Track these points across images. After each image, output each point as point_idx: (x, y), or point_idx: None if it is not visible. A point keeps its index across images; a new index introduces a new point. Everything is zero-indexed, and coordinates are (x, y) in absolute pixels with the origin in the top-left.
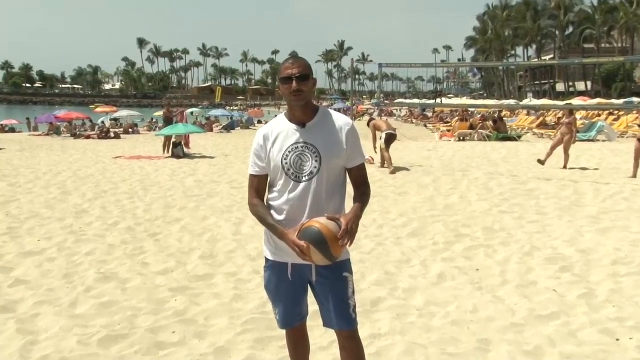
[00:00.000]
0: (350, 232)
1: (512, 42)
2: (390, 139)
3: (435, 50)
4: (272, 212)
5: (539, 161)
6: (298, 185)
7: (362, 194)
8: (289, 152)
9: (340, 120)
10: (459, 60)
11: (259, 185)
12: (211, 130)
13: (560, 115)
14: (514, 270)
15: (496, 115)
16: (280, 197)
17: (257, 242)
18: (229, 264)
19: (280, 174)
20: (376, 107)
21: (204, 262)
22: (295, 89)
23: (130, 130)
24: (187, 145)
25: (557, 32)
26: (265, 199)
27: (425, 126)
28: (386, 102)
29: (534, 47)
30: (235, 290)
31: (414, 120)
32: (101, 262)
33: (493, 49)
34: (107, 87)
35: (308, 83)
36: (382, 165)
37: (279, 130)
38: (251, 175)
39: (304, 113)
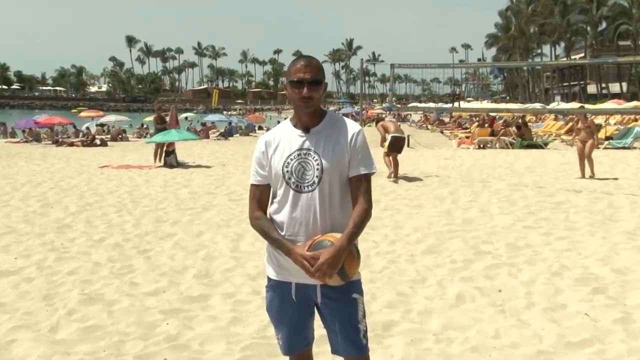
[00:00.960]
0: (321, 271)
1: (538, 40)
2: (397, 142)
3: (453, 49)
4: None
5: (586, 176)
6: (299, 196)
7: (357, 215)
8: (291, 159)
9: (347, 125)
10: (479, 60)
11: (261, 197)
12: (207, 137)
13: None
14: (540, 292)
15: (520, 121)
16: (280, 208)
17: (258, 259)
18: (226, 283)
19: (280, 182)
20: (388, 112)
21: (199, 282)
22: (306, 95)
23: (118, 136)
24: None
25: (589, 28)
26: (268, 212)
27: (442, 132)
28: (398, 106)
29: (563, 44)
30: (233, 313)
31: (429, 126)
32: (85, 282)
33: (517, 48)
34: (93, 89)
35: (320, 89)
36: (390, 176)
37: (281, 136)
38: (252, 185)
39: (311, 118)
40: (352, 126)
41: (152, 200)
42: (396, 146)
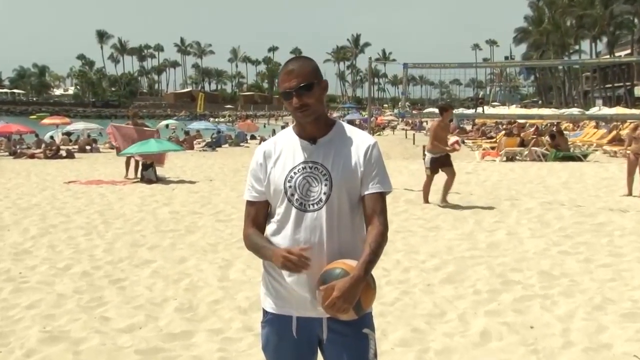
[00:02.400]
0: (335, 306)
1: (576, 34)
2: (443, 160)
3: (476, 46)
4: None
5: (634, 194)
6: (303, 216)
7: (373, 239)
8: (294, 172)
9: (360, 136)
10: (506, 58)
11: (257, 215)
12: (191, 148)
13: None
14: (579, 329)
15: (554, 129)
16: (280, 229)
17: (250, 289)
18: (213, 318)
19: (281, 199)
20: (400, 119)
21: (181, 316)
22: (298, 105)
23: (88, 147)
24: (160, 162)
25: (636, 20)
26: (265, 233)
27: (463, 142)
28: (413, 112)
29: (605, 40)
30: (221, 352)
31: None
32: (47, 317)
33: (550, 44)
34: (58, 92)
35: (313, 93)
36: (426, 200)
37: (283, 146)
38: (247, 202)
39: (316, 127)
40: (366, 138)
41: (127, 221)
42: (440, 161)
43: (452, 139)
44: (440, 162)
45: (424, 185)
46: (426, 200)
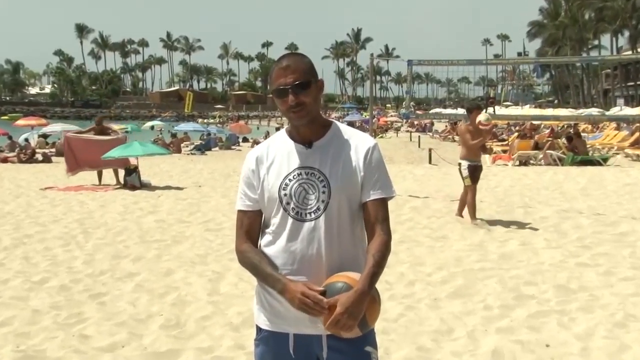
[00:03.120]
0: (339, 323)
1: (595, 28)
2: (476, 170)
3: (486, 41)
4: None
5: None
6: (300, 226)
7: (377, 250)
8: (290, 179)
9: (359, 138)
10: (519, 54)
11: (251, 226)
12: (179, 151)
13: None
14: (600, 348)
15: (571, 130)
16: (274, 241)
17: (242, 304)
18: (202, 335)
19: (276, 208)
20: (404, 120)
21: (167, 334)
22: (293, 103)
23: None
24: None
25: None
26: (259, 245)
27: None
28: (418, 112)
29: (627, 34)
30: None
31: (457, 138)
32: (21, 335)
33: (567, 38)
34: (33, 90)
35: (310, 91)
36: (460, 212)
37: (276, 150)
38: (239, 212)
39: (311, 129)
40: (366, 140)
41: (109, 230)
42: (475, 175)
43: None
44: (476, 173)
45: (467, 200)
46: (473, 217)
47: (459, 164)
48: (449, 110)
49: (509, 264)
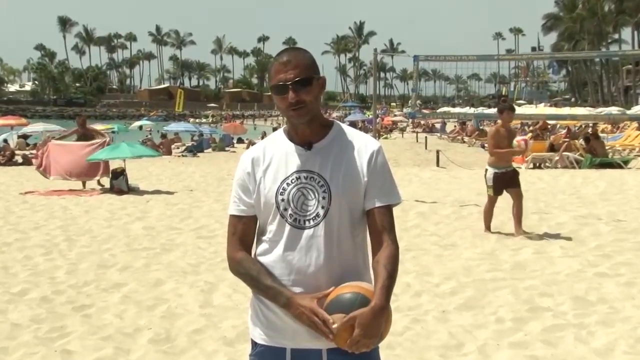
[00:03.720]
0: (359, 343)
1: (615, 21)
2: (509, 177)
3: (498, 35)
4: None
5: None
6: (299, 234)
7: (387, 261)
8: (288, 183)
9: (362, 141)
10: (534, 49)
11: (245, 232)
12: (169, 153)
13: None
14: None
15: (589, 131)
16: (270, 249)
17: (237, 317)
18: (194, 350)
19: (272, 214)
20: (410, 119)
21: (157, 349)
22: (294, 100)
23: None
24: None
25: None
26: (253, 253)
27: (483, 147)
28: (425, 111)
29: None
30: None
31: (466, 138)
32: None
33: (585, 32)
34: (12, 88)
35: (312, 89)
36: (488, 227)
37: (274, 152)
38: (232, 217)
39: (311, 130)
40: (370, 142)
41: (94, 238)
42: (504, 183)
43: (517, 137)
44: (506, 181)
45: (484, 209)
46: (488, 228)
47: (485, 170)
48: (457, 109)
49: (523, 274)
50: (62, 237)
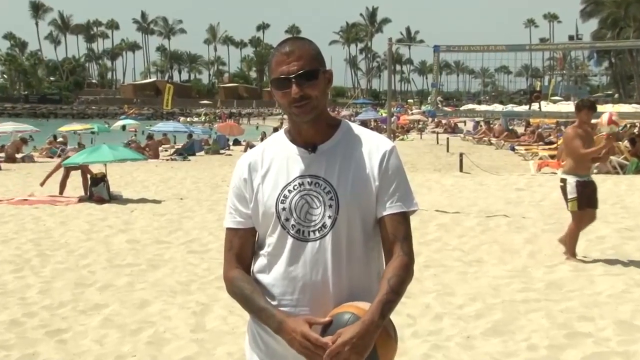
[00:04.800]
0: (341, 357)
1: None
2: (590, 192)
3: (531, 22)
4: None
5: None
6: (302, 247)
7: (394, 274)
8: (289, 190)
9: (373, 141)
10: (571, 38)
11: (242, 247)
12: (156, 157)
13: None
14: None
15: (636, 131)
16: (271, 265)
17: (232, 342)
18: None
19: (272, 226)
20: (430, 118)
21: None
22: (297, 95)
23: (18, 155)
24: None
25: None
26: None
27: (513, 149)
28: (447, 109)
29: None
30: None
31: (493, 140)
32: None
33: (630, 18)
34: None
35: (318, 83)
36: (571, 251)
37: (273, 156)
38: (228, 230)
39: (316, 130)
40: (382, 142)
41: (71, 252)
42: (587, 197)
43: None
44: (588, 195)
45: (569, 230)
46: (572, 254)
47: (563, 180)
48: (484, 107)
49: (559, 295)
50: (34, 252)
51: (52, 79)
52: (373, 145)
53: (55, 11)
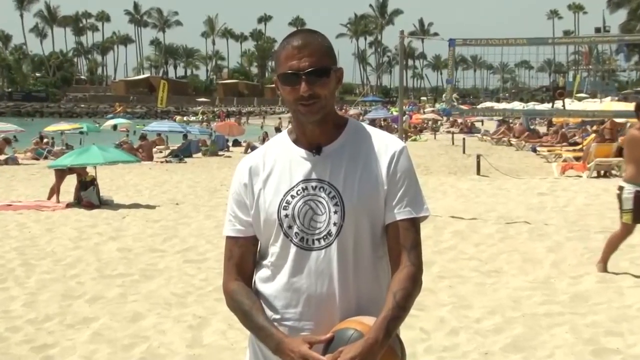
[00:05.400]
0: None
1: None
2: None
3: (554, 14)
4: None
5: None
6: (306, 256)
7: (401, 286)
8: (292, 196)
9: (382, 141)
10: (598, 30)
11: (243, 257)
12: (150, 158)
13: None
14: None
15: None
16: (273, 277)
17: (231, 359)
18: None
19: (274, 234)
20: (444, 117)
21: None
22: (306, 93)
23: (2, 157)
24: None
25: None
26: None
27: (535, 150)
28: (463, 107)
29: None
30: None
31: (513, 140)
32: None
33: None
34: None
35: (328, 81)
36: (605, 260)
37: (275, 158)
38: (228, 239)
39: (322, 130)
40: (391, 142)
41: (58, 262)
42: None
43: None
44: None
45: (611, 238)
46: (604, 262)
47: (620, 188)
48: (503, 105)
49: (585, 308)
50: (18, 261)
51: (37, 75)
52: (382, 146)
53: (42, 2)
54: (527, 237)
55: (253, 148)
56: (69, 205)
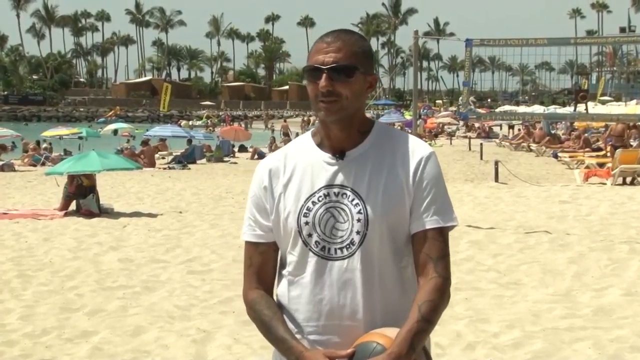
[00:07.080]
0: None
1: None
2: None
3: (576, 12)
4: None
5: None
6: (328, 266)
7: (427, 298)
8: (313, 202)
9: (409, 145)
10: (622, 30)
11: (263, 264)
12: (152, 165)
13: None
14: None
15: None
16: (293, 288)
17: None
18: None
19: (292, 241)
20: (461, 121)
21: None
22: (324, 89)
23: None
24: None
25: None
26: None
27: (556, 156)
28: (480, 111)
29: None
30: None
31: (533, 146)
32: None
33: None
34: None
35: (352, 82)
36: None
37: (297, 161)
38: (248, 245)
39: (346, 133)
40: (418, 147)
41: (56, 273)
42: None
43: None
44: None
45: None
46: None
47: None
48: (523, 108)
49: (609, 322)
50: (14, 273)
51: (35, 77)
52: (408, 151)
53: (39, 1)
54: (547, 247)
55: (260, 154)
56: (67, 214)
